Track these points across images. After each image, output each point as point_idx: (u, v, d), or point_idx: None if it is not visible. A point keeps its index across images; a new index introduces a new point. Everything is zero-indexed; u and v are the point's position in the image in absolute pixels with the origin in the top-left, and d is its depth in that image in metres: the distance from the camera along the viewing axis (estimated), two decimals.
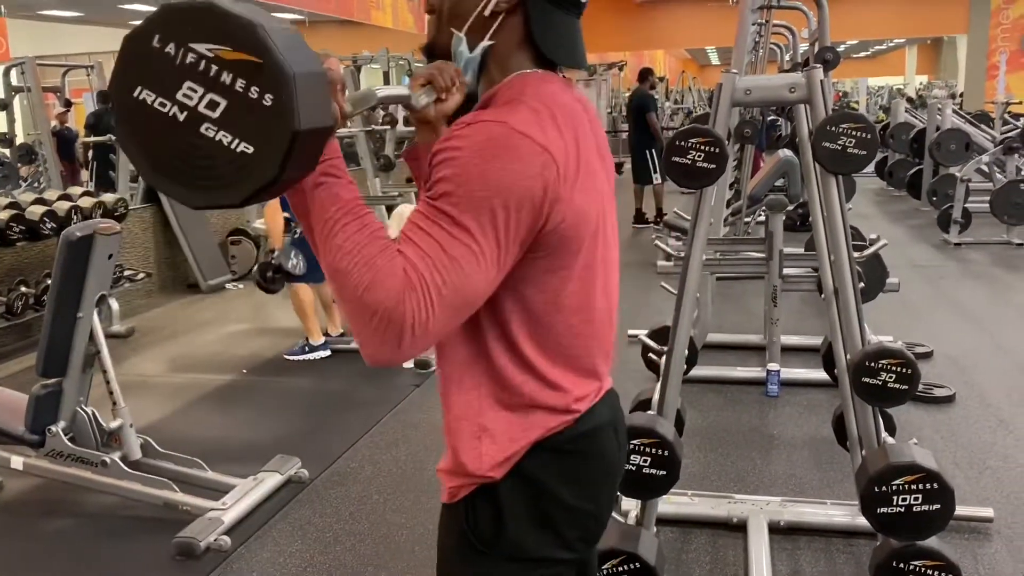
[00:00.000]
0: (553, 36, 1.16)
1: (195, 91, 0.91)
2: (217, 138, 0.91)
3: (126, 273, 6.19)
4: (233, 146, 0.91)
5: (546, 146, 1.04)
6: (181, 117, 0.92)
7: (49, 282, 3.64)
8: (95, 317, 3.15)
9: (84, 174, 8.87)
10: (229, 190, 0.93)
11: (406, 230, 1.02)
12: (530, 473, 1.14)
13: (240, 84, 0.91)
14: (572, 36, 1.19)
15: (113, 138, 7.96)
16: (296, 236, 4.83)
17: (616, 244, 1.26)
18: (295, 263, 4.78)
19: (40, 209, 5.43)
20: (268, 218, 4.91)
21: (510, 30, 1.15)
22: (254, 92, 0.90)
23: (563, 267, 1.11)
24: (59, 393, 3.10)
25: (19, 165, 7.66)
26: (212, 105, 0.91)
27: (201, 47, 0.91)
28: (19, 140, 7.70)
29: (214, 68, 0.91)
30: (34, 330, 5.31)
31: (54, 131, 7.93)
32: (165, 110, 0.92)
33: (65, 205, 5.58)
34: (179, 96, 0.92)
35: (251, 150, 0.91)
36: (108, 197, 6.14)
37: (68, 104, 9.19)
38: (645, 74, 9.79)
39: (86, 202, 5.77)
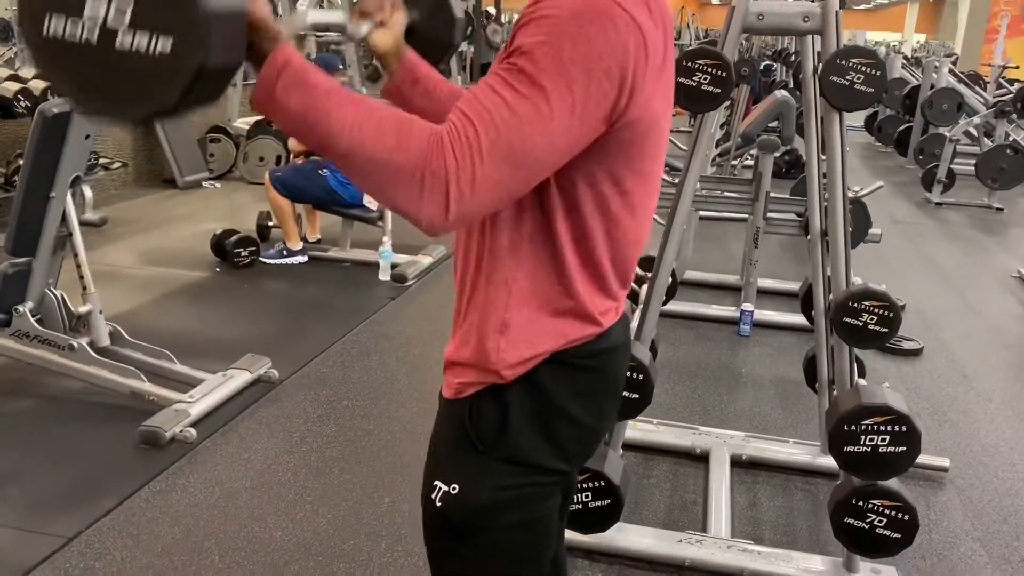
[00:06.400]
0: None
1: (99, 2, 0.89)
2: (135, 46, 0.89)
3: (102, 161, 6.03)
4: (153, 43, 0.89)
5: (643, 27, 0.98)
6: (95, 37, 0.90)
7: (21, 162, 3.53)
8: (68, 199, 3.07)
9: None
10: (161, 90, 0.90)
11: (472, 89, 0.97)
12: (544, 383, 1.11)
13: None
14: None
15: None
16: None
17: None
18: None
19: (14, 86, 5.25)
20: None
21: None
22: None
23: (636, 172, 1.07)
24: (28, 273, 3.05)
25: None
26: (119, 14, 0.89)
27: None
28: None
29: None
30: (4, 211, 5.19)
31: None
32: (78, 37, 0.90)
33: (41, 84, 5.39)
34: (87, 13, 0.90)
35: (170, 42, 0.88)
36: None
37: None
38: None
39: None
